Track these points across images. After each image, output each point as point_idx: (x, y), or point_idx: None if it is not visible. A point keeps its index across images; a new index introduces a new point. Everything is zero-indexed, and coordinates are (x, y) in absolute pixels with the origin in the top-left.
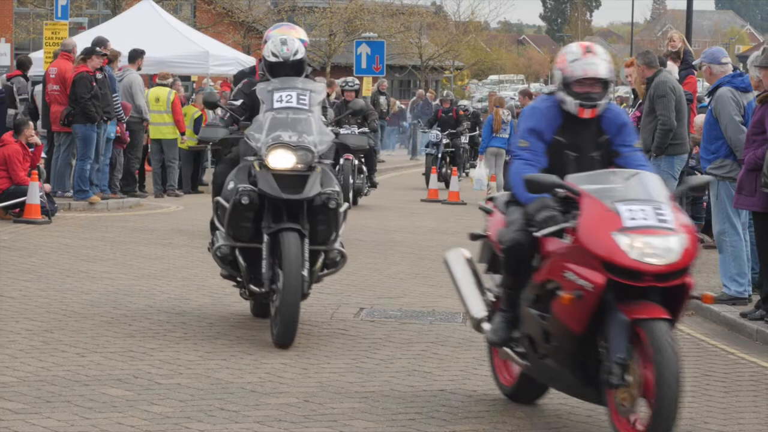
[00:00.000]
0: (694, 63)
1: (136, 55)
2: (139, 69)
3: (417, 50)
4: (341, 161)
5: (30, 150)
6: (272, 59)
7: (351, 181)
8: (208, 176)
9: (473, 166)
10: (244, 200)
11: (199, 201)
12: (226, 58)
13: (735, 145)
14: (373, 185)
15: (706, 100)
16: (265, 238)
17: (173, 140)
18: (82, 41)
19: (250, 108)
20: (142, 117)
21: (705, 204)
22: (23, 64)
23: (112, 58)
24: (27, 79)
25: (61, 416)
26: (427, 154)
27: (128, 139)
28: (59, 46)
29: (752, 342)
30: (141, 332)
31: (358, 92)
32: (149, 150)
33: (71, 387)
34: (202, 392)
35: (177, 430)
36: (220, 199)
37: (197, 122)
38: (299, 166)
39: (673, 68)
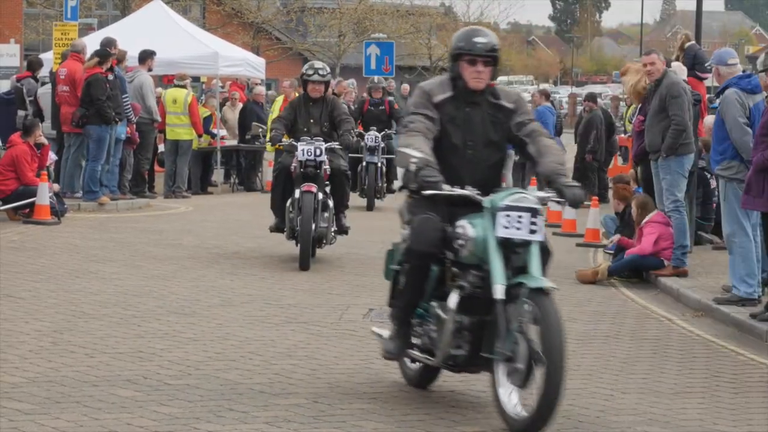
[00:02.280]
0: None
1: (146, 56)
2: (150, 70)
3: (426, 51)
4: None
5: (37, 151)
6: None
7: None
8: (217, 177)
9: (390, 191)
10: None
11: (208, 202)
12: (235, 59)
13: (740, 147)
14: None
15: (717, 101)
16: None
17: (188, 141)
18: (91, 42)
19: None
20: (153, 118)
21: (714, 205)
22: (33, 65)
23: (120, 58)
24: (37, 80)
25: (70, 417)
26: None
27: (138, 139)
28: (69, 47)
29: (762, 343)
30: (150, 333)
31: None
32: (159, 150)
33: (80, 388)
34: (211, 393)
35: (186, 431)
36: None
37: (206, 122)
38: None
39: (680, 70)
